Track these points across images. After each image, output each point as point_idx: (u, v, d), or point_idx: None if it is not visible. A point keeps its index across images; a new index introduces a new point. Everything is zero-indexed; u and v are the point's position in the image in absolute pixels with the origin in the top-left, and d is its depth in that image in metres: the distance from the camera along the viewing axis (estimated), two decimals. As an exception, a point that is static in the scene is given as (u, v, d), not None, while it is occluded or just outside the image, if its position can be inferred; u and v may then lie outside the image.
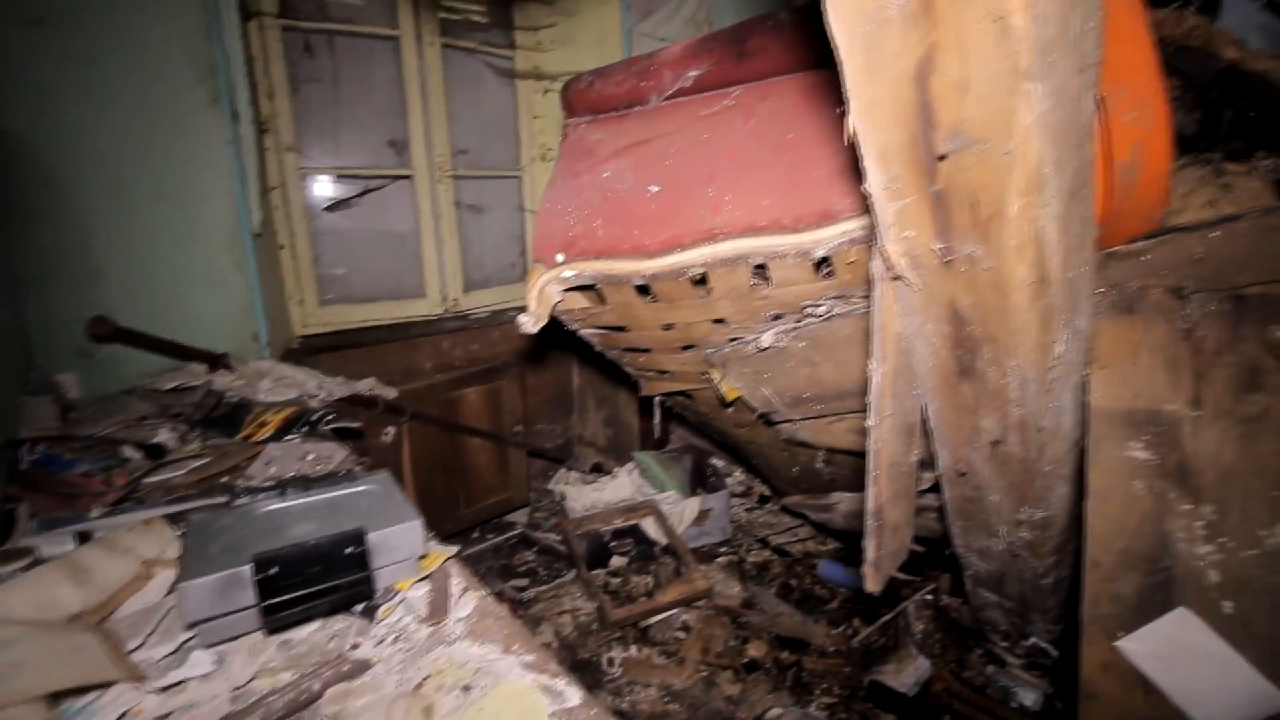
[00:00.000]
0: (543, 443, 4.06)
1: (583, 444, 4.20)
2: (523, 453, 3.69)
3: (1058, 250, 1.13)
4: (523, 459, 3.69)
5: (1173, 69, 1.45)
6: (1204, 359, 1.28)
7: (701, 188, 1.90)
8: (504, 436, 3.56)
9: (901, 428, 1.52)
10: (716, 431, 3.02)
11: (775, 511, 3.73)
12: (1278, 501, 1.24)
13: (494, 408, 3.53)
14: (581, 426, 4.21)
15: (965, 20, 0.90)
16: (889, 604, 2.74)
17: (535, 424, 4.01)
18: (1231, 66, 1.31)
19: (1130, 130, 1.24)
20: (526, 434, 3.80)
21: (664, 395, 2.68)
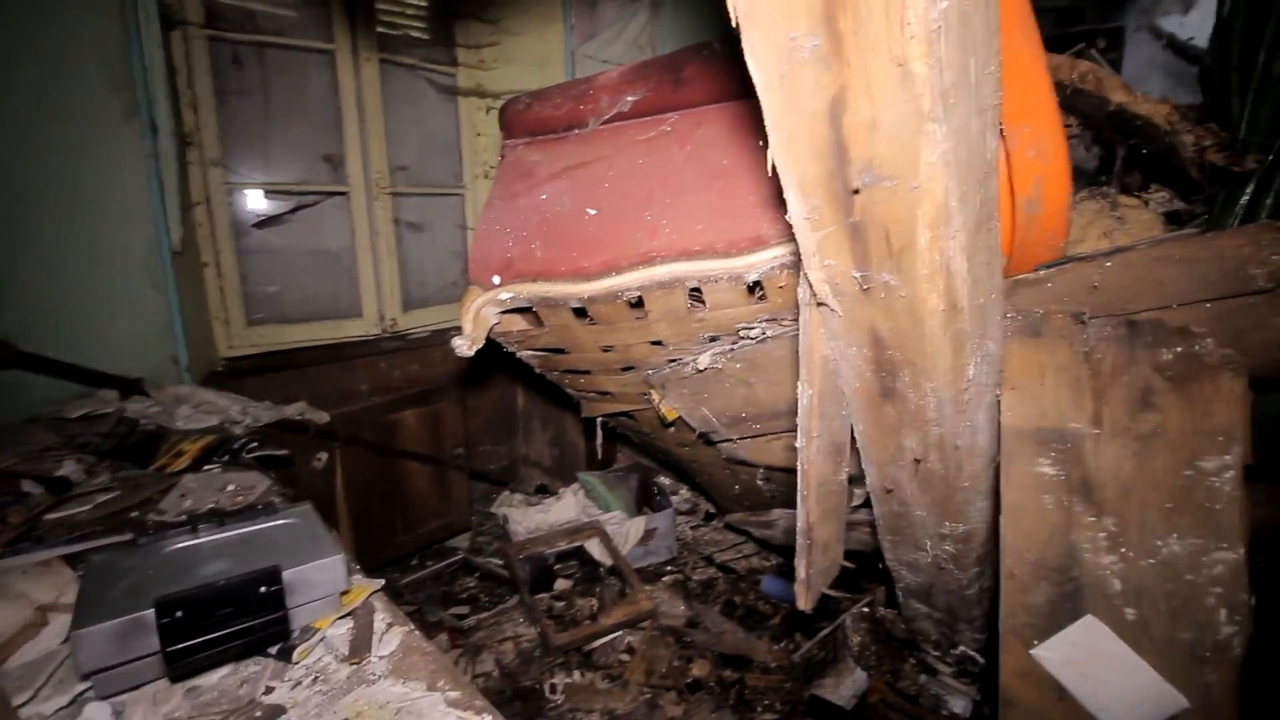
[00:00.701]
0: (486, 465, 3.98)
1: (528, 465, 4.15)
2: (464, 476, 3.61)
3: (966, 279, 1.19)
4: (464, 482, 3.61)
5: (1071, 109, 1.56)
6: (1102, 380, 1.37)
7: (638, 211, 1.92)
8: (444, 459, 3.48)
9: (830, 447, 1.56)
10: (660, 451, 3.04)
11: (720, 528, 3.76)
12: (1171, 514, 1.33)
13: (434, 430, 3.44)
14: (526, 447, 4.16)
15: (871, 64, 0.94)
16: (829, 617, 2.79)
17: (478, 446, 3.94)
18: (1120, 109, 1.42)
19: (1032, 166, 1.32)
20: (469, 456, 3.73)
21: (606, 416, 2.68)
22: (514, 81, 4.02)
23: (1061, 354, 1.40)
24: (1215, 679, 1.31)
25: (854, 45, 0.94)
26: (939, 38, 0.90)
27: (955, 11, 0.91)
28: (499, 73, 4.14)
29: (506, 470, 4.12)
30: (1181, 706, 1.33)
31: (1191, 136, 1.41)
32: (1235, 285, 1.24)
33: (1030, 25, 1.30)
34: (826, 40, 0.95)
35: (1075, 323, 1.39)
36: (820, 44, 0.96)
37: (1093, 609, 1.40)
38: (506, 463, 4.13)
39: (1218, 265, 1.24)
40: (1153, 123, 1.40)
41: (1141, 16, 3.27)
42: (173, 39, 2.83)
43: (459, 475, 3.57)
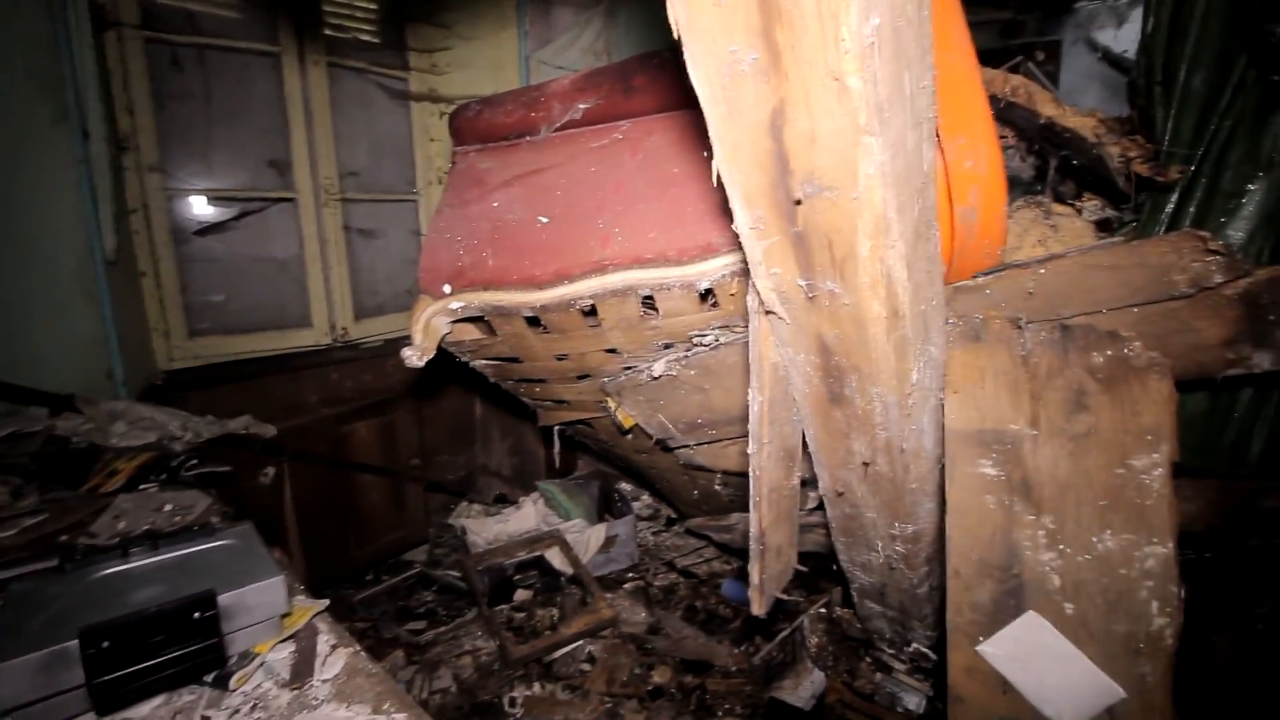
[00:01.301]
0: (443, 475, 3.91)
1: (487, 475, 4.09)
2: (420, 487, 3.54)
3: (907, 287, 1.22)
4: (420, 494, 3.54)
5: (1006, 121, 1.62)
6: (1039, 382, 1.42)
7: (591, 219, 1.92)
8: (399, 471, 3.40)
9: (781, 453, 1.58)
10: (619, 458, 3.03)
11: (681, 533, 3.76)
12: (1105, 511, 1.38)
13: (388, 441, 3.36)
14: (485, 456, 4.10)
15: (809, 78, 0.96)
16: (789, 619, 2.82)
17: (435, 456, 3.86)
18: (1050, 122, 1.48)
19: (969, 177, 1.36)
20: (426, 467, 3.65)
21: (564, 424, 2.66)
22: (468, 86, 3.98)
23: (1000, 358, 1.45)
24: (1149, 669, 1.36)
25: (792, 59, 0.95)
26: (872, 53, 0.91)
27: (888, 28, 0.94)
28: (452, 77, 4.09)
29: (465, 480, 4.05)
30: (1118, 697, 1.39)
31: (1118, 148, 1.47)
32: (1159, 291, 1.30)
33: (965, 40, 1.35)
34: (765, 54, 0.97)
35: (1013, 327, 1.43)
36: (759, 58, 0.97)
37: (1034, 605, 1.45)
38: (464, 473, 4.06)
39: (1143, 272, 1.30)
40: (1080, 135, 1.46)
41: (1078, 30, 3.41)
42: (107, 40, 2.71)
43: (414, 487, 3.50)
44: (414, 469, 3.48)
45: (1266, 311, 1.25)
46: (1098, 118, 1.49)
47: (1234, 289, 1.25)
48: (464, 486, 4.03)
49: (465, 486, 4.04)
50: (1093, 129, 1.45)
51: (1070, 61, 3.48)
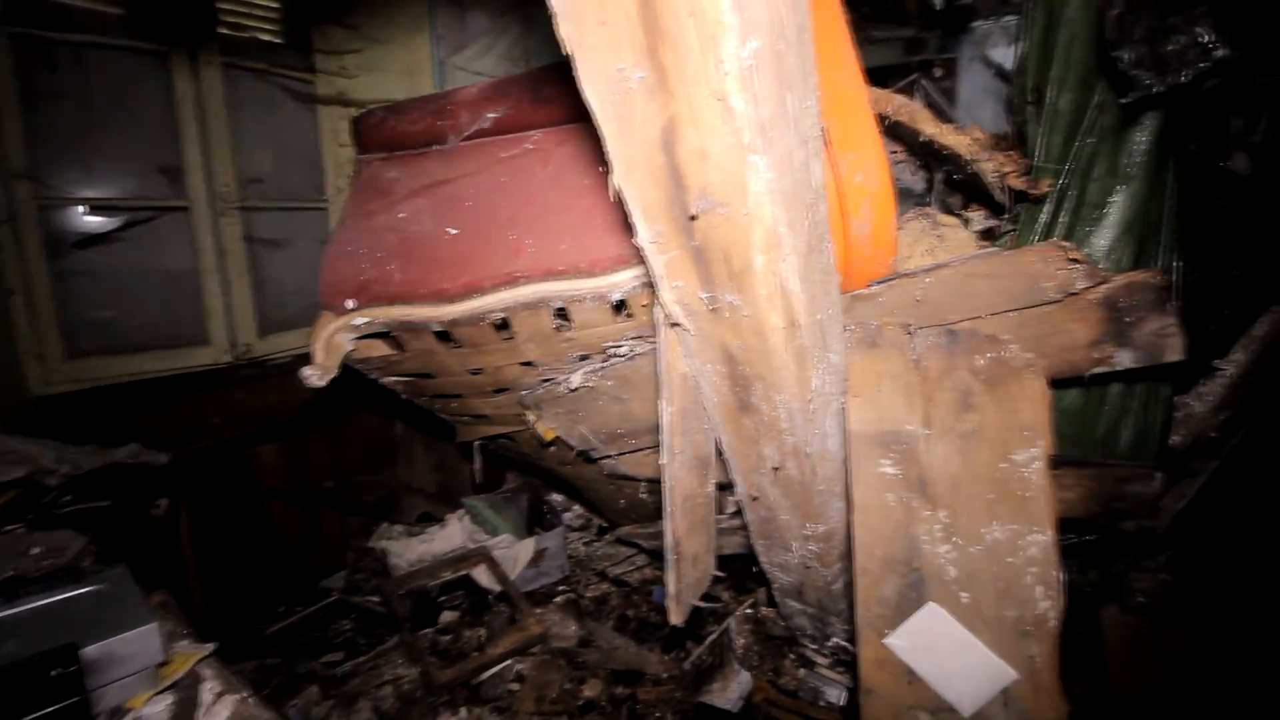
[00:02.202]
0: (362, 496, 3.74)
1: (410, 494, 3.94)
2: (334, 511, 3.38)
3: (802, 298, 1.26)
4: (335, 518, 3.38)
5: (896, 137, 1.70)
6: (930, 384, 1.50)
7: (502, 231, 1.88)
8: (311, 495, 3.24)
9: (694, 461, 1.60)
10: (544, 471, 2.99)
11: (613, 542, 3.75)
12: (993, 504, 1.47)
13: (299, 464, 3.20)
14: (408, 474, 3.95)
15: (695, 97, 0.97)
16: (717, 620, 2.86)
17: (352, 477, 3.69)
18: (930, 140, 1.57)
19: (860, 191, 1.43)
20: (341, 489, 3.49)
21: (484, 439, 2.60)
22: (379, 90, 3.85)
23: (895, 362, 1.52)
24: (1038, 650, 1.45)
25: (678, 79, 0.97)
26: (753, 75, 0.94)
27: (768, 50, 0.96)
28: (363, 81, 3.94)
29: (386, 501, 3.89)
30: (1011, 678, 1.47)
31: (992, 164, 1.58)
32: (1032, 296, 1.40)
33: (851, 60, 1.41)
34: (652, 73, 0.98)
35: (905, 333, 1.51)
36: (647, 76, 0.98)
37: (934, 596, 1.52)
38: (385, 493, 3.90)
39: (1017, 279, 1.40)
40: (957, 153, 1.56)
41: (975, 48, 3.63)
42: (-39, 35, 2.46)
43: (329, 511, 3.34)
44: (328, 492, 3.32)
45: (1124, 314, 1.37)
46: (971, 137, 1.59)
47: (1095, 294, 1.36)
48: (385, 507, 3.88)
49: (386, 507, 3.88)
50: (968, 147, 1.55)
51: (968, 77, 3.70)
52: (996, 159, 1.61)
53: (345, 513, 3.51)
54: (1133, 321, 1.37)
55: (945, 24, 3.33)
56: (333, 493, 3.36)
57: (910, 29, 3.74)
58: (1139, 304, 1.34)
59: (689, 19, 0.89)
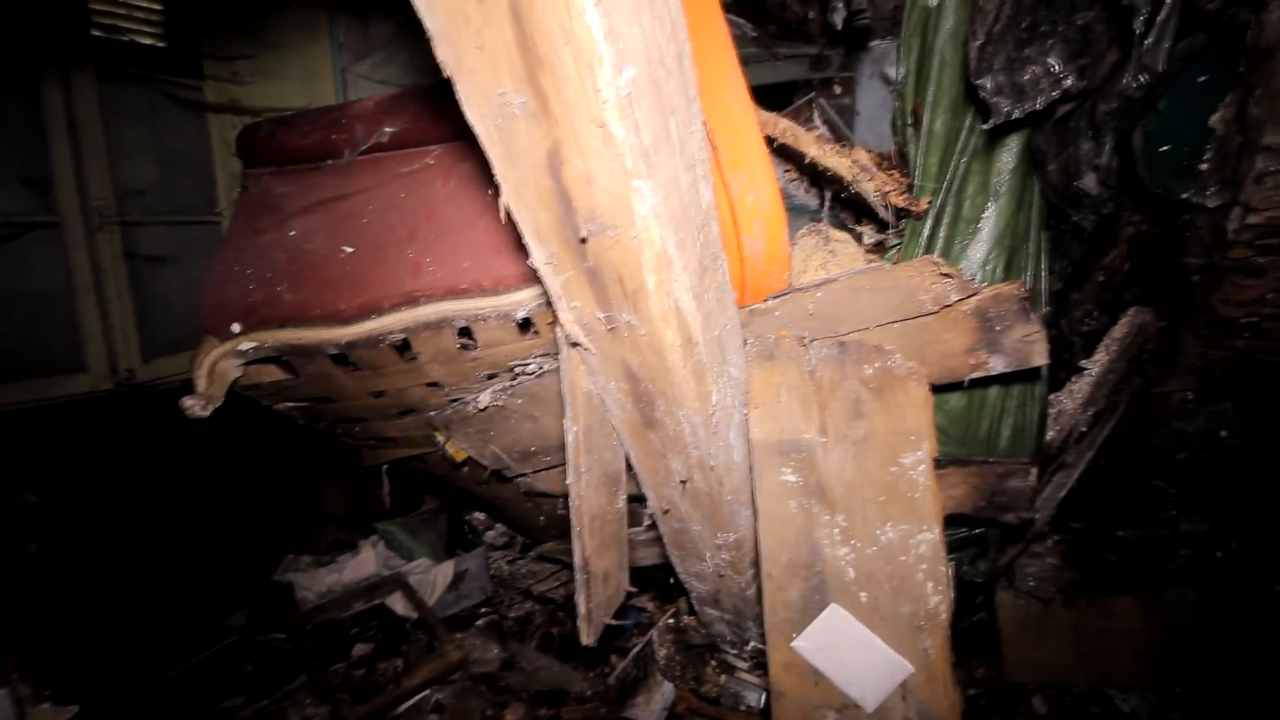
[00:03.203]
0: (265, 526, 3.53)
1: (320, 521, 3.74)
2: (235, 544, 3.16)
3: (697, 316, 1.28)
4: (236, 551, 3.16)
5: (788, 157, 1.78)
6: (824, 394, 1.56)
7: (401, 248, 1.83)
8: (208, 527, 3.02)
9: (602, 479, 1.60)
10: (460, 491, 2.91)
11: (537, 559, 3.69)
12: (885, 506, 1.54)
13: (193, 494, 2.98)
14: (316, 500, 3.76)
15: (577, 123, 0.98)
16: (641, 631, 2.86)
17: (256, 505, 3.48)
18: (813, 162, 1.65)
19: (752, 210, 1.48)
20: (242, 519, 3.28)
21: (394, 462, 2.51)
22: (276, 98, 3.66)
23: (792, 374, 1.58)
24: (931, 643, 1.54)
25: (559, 105, 0.97)
26: (632, 103, 0.95)
27: (646, 79, 0.98)
28: (257, 88, 3.74)
29: (293, 530, 3.68)
30: (908, 672, 1.55)
31: (873, 185, 1.68)
32: (912, 309, 1.49)
33: (739, 84, 1.46)
34: (534, 99, 0.97)
35: (800, 345, 1.57)
36: (528, 101, 0.98)
37: (835, 598, 1.58)
38: (293, 521, 3.69)
39: (896, 293, 1.48)
40: (838, 174, 1.65)
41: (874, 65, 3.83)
42: None
43: (230, 544, 3.12)
44: (227, 522, 3.11)
45: (994, 323, 1.48)
46: (852, 159, 1.68)
47: (967, 305, 1.46)
48: (292, 536, 3.66)
49: (293, 536, 3.67)
50: (848, 169, 1.64)
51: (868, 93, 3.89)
52: (878, 179, 1.70)
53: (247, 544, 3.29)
54: (1002, 330, 1.48)
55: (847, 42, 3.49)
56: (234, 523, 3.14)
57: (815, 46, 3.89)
58: (1006, 313, 1.46)
59: (565, 48, 0.89)
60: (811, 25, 3.88)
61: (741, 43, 3.87)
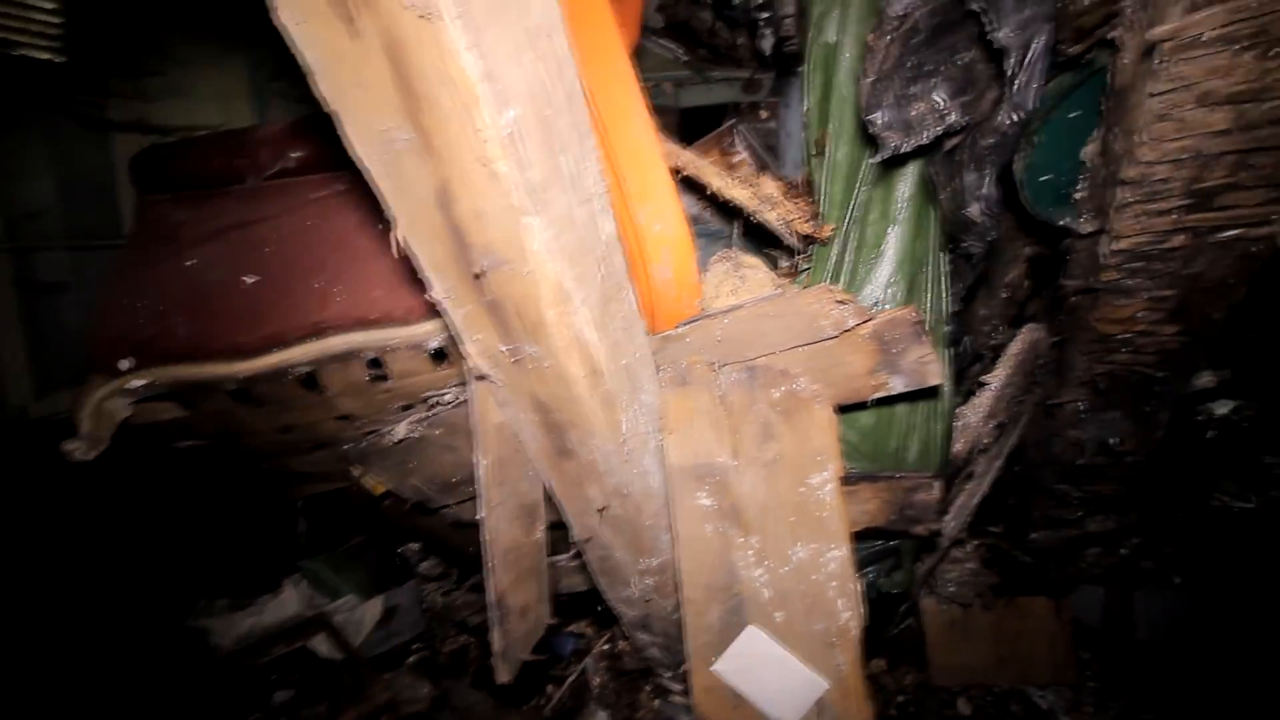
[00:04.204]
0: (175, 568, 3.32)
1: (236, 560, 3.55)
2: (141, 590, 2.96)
3: (601, 346, 1.29)
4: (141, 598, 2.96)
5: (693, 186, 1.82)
6: (735, 418, 1.59)
7: (308, 278, 1.77)
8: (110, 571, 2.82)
9: (518, 510, 1.58)
10: (385, 523, 2.82)
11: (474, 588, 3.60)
12: (796, 525, 1.58)
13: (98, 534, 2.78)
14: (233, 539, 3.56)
15: (462, 160, 0.98)
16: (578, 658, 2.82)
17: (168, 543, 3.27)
18: (716, 193, 1.70)
19: (659, 239, 1.50)
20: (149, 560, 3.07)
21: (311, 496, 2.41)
22: (187, 117, 3.52)
23: (704, 398, 1.60)
24: (844, 659, 1.57)
25: (442, 142, 0.97)
26: (515, 142, 0.96)
27: (532, 118, 0.99)
28: (167, 106, 3.59)
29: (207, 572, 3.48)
30: (824, 688, 1.58)
31: (775, 214, 1.74)
32: (813, 334, 1.54)
33: (643, 117, 1.49)
34: (417, 135, 0.97)
35: (711, 370, 1.60)
36: (413, 138, 0.97)
37: (753, 618, 1.60)
38: (207, 562, 3.49)
39: (799, 319, 1.53)
40: (741, 205, 1.70)
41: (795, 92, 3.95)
42: None
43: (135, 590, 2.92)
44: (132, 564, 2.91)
45: (891, 346, 1.54)
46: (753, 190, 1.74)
47: (866, 329, 1.52)
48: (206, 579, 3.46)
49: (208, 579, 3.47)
50: (749, 199, 1.69)
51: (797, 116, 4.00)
52: (782, 207, 1.76)
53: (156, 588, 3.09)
54: (899, 352, 1.55)
55: (777, 67, 3.59)
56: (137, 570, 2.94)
57: (746, 71, 4.00)
58: (901, 336, 1.52)
59: (442, 87, 0.89)
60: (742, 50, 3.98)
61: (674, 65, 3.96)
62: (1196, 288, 1.67)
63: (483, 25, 0.86)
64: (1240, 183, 1.41)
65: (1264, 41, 1.21)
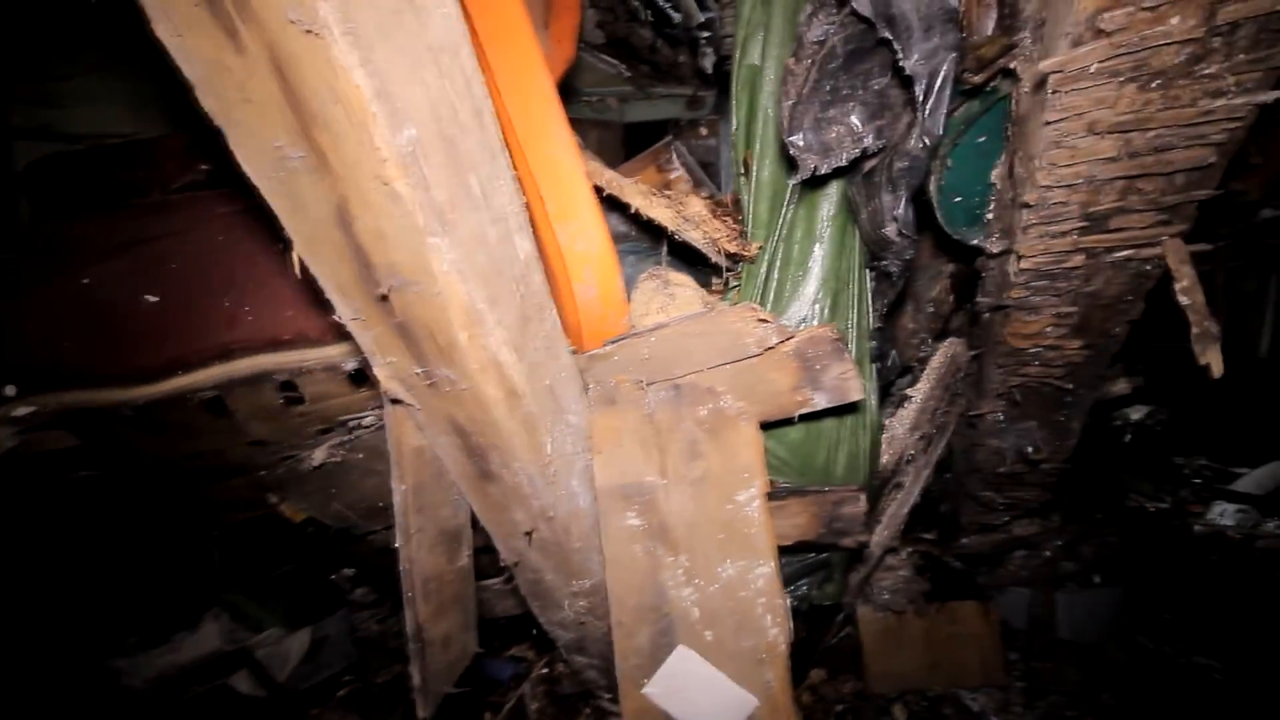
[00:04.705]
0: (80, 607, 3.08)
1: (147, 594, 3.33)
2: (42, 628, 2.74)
3: (520, 367, 1.26)
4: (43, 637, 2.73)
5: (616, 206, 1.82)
6: (663, 436, 1.59)
7: (215, 297, 1.68)
8: (3, 616, 2.60)
9: (439, 537, 1.53)
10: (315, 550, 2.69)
11: (409, 613, 3.48)
12: (724, 543, 1.58)
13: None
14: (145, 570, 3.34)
15: (360, 180, 0.94)
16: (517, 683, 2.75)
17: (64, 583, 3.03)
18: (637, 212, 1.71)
19: (582, 257, 1.49)
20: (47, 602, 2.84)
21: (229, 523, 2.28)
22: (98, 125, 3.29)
23: (632, 417, 1.59)
24: (772, 675, 1.57)
25: (338, 160, 0.93)
26: (416, 161, 0.93)
27: (434, 137, 0.97)
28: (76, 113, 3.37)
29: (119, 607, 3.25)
30: (753, 705, 1.58)
31: (699, 233, 1.76)
32: (738, 351, 1.56)
33: (565, 135, 1.48)
34: (311, 154, 0.93)
35: (639, 389, 1.59)
36: (306, 156, 0.93)
37: (682, 639, 1.59)
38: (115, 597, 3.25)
39: (723, 336, 1.55)
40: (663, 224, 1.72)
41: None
42: None
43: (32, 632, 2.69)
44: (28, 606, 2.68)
45: (813, 363, 1.57)
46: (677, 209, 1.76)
47: (788, 347, 1.55)
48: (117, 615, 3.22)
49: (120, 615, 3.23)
50: (672, 220, 1.71)
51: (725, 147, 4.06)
52: (708, 225, 1.78)
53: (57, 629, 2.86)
54: (821, 369, 1.58)
55: (719, 84, 3.64)
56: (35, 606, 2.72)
57: (689, 88, 4.04)
58: (822, 354, 1.55)
59: (335, 105, 0.86)
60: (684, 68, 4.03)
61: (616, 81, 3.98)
62: (1096, 304, 1.76)
63: (375, 41, 0.83)
64: (1129, 206, 1.50)
65: (1144, 74, 1.29)
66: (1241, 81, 1.29)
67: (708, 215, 1.76)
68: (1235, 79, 1.29)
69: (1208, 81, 1.29)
